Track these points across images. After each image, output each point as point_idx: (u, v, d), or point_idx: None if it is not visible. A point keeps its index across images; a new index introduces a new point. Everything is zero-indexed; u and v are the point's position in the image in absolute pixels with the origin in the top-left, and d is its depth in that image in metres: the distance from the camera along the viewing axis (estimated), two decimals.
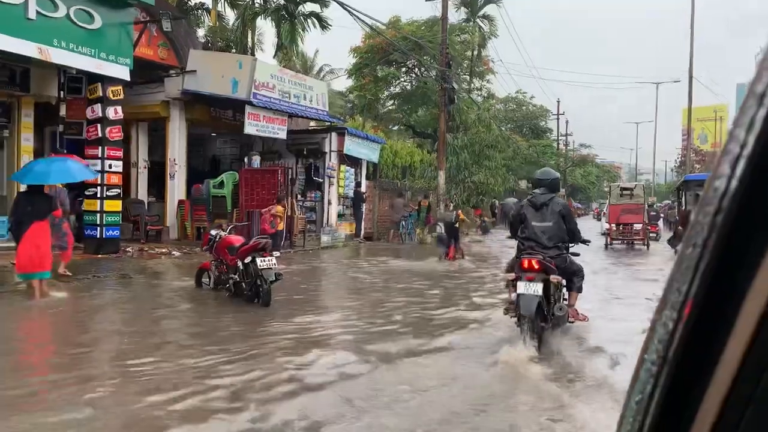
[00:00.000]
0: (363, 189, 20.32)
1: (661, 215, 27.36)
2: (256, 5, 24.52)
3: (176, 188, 16.94)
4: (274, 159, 18.78)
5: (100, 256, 12.50)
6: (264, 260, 7.99)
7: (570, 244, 6.37)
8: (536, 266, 5.79)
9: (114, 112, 12.63)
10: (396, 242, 20.71)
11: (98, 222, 12.73)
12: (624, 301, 9.19)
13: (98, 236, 12.77)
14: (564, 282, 6.25)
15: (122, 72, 12.52)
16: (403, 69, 32.75)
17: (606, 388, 4.79)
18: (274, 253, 8.30)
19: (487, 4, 34.56)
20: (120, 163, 13.19)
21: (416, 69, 31.59)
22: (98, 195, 12.70)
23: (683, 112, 75.30)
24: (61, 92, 13.11)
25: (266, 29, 31.74)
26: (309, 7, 24.46)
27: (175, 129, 16.83)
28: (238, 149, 20.64)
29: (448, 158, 21.44)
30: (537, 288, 5.68)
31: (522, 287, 5.72)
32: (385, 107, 35.03)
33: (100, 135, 12.46)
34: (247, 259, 8.12)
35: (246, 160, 17.07)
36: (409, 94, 33.16)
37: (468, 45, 33.65)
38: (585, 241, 6.62)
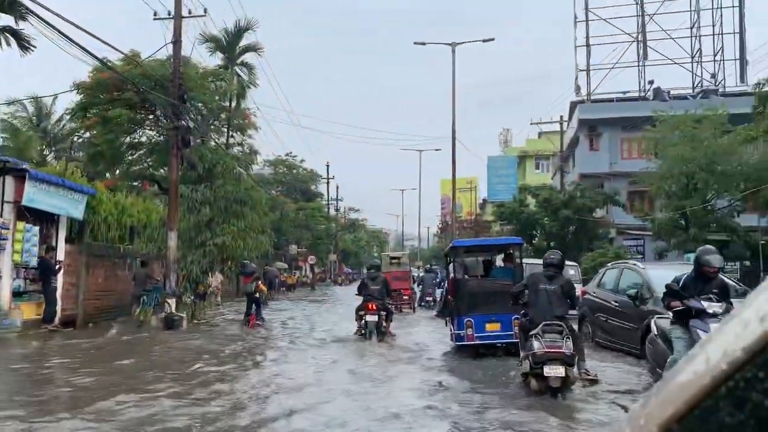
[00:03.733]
0: (60, 256, 14.89)
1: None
2: None
3: None
4: None
5: None
6: None
7: (387, 298, 13.92)
8: (374, 307, 12.88)
9: None
10: (138, 322, 15.56)
11: None
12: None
13: None
14: (385, 315, 13.17)
15: None
16: (150, 116, 27.90)
17: (406, 350, 11.82)
18: None
19: (247, 52, 31.36)
20: None
21: (163, 117, 26.94)
22: None
23: (441, 182, 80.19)
24: None
25: None
26: (3, 19, 18.71)
27: None
28: None
29: (185, 216, 17.04)
30: (375, 317, 12.81)
31: (368, 317, 12.85)
32: (127, 159, 29.54)
33: None
34: None
35: None
36: (154, 144, 28.27)
37: (225, 94, 30.01)
38: (391, 295, 15.22)
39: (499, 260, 13.23)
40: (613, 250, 26.55)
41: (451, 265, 12.24)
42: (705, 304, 6.96)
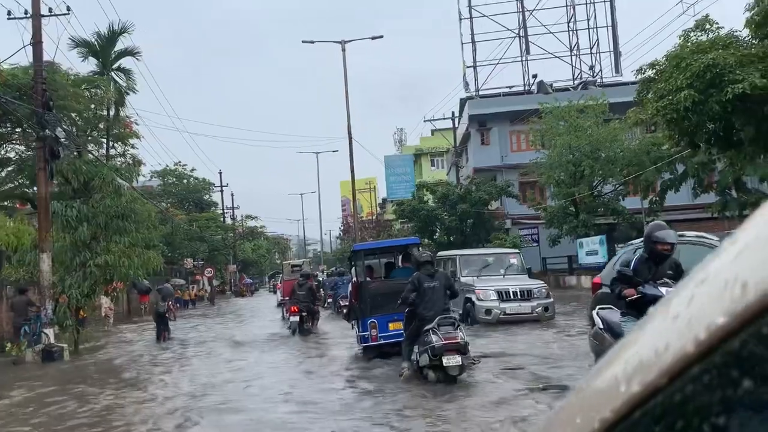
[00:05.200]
0: None
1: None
2: None
3: None
4: None
5: None
6: None
7: (314, 300, 16.76)
8: (296, 309, 15.65)
9: None
10: (12, 358, 13.90)
11: None
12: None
13: None
14: (308, 315, 16.01)
15: None
16: (18, 129, 25.49)
17: (327, 345, 13.66)
18: None
19: (123, 56, 29.34)
20: None
21: (33, 131, 24.64)
22: None
23: (341, 184, 79.79)
24: None
25: None
26: None
27: None
28: None
29: (59, 235, 15.50)
30: (296, 318, 15.59)
31: (291, 318, 15.81)
32: None
33: None
34: None
35: None
36: (25, 160, 25.89)
37: (101, 102, 27.95)
38: (319, 299, 19.31)
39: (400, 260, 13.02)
40: (510, 239, 27.20)
41: (354, 268, 12.09)
42: (664, 290, 5.85)
